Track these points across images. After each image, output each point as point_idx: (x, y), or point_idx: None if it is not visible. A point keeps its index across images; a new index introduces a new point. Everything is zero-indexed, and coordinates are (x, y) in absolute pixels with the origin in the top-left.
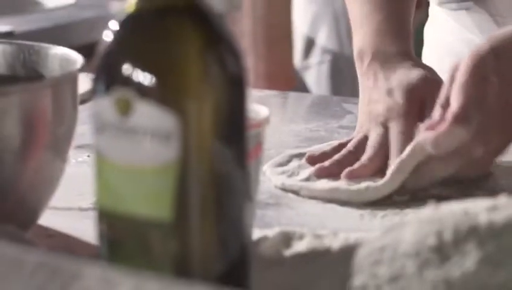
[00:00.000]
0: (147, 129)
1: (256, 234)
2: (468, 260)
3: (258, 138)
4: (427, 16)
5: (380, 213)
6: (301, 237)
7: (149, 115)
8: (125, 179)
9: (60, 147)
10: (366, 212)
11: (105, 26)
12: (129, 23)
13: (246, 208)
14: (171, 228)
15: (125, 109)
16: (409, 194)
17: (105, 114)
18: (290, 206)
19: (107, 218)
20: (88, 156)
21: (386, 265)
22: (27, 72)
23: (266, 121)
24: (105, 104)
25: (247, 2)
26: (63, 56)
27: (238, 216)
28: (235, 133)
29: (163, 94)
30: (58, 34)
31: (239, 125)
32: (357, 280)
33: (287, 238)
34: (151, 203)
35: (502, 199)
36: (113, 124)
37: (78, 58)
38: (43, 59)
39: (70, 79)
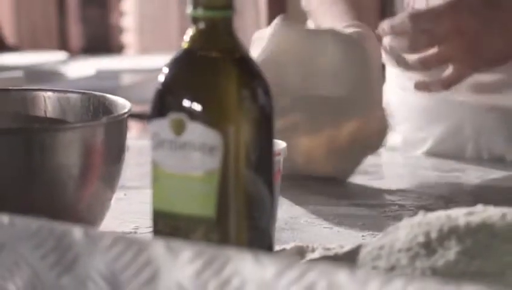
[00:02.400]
0: (195, 145)
1: (275, 248)
2: (450, 253)
3: (278, 164)
4: None
5: (380, 234)
6: (313, 249)
7: (198, 134)
8: (177, 185)
9: (110, 178)
10: (367, 234)
11: (120, 94)
12: (182, 60)
13: (271, 216)
14: (214, 224)
15: (178, 129)
16: None
17: (162, 133)
18: (302, 230)
19: (161, 217)
20: (125, 194)
21: (384, 259)
22: (92, 114)
23: (284, 151)
24: (163, 125)
25: None
26: (114, 102)
27: (265, 221)
28: (263, 150)
29: (209, 118)
30: None
31: (267, 144)
32: None
33: (301, 251)
34: (198, 204)
35: (478, 207)
36: (169, 141)
37: (126, 105)
38: (101, 104)
39: (120, 120)
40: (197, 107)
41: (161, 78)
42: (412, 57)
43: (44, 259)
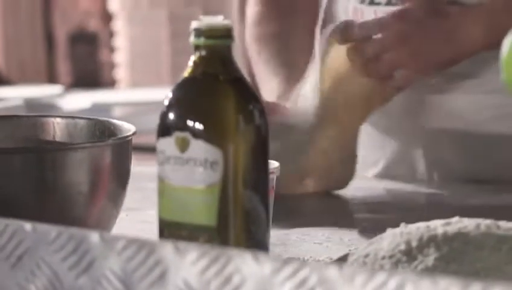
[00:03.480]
0: (198, 160)
1: None
2: (429, 259)
3: (272, 182)
4: None
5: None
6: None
7: (200, 150)
8: (182, 197)
9: (116, 196)
10: (353, 249)
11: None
12: (185, 85)
13: (266, 229)
14: (215, 233)
15: (183, 146)
16: None
17: (168, 150)
18: (293, 245)
19: (167, 227)
20: (127, 215)
21: (369, 265)
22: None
23: (277, 170)
24: (168, 143)
25: None
26: (119, 127)
27: (261, 234)
28: (260, 167)
29: (211, 136)
30: None
31: (263, 162)
32: None
33: None
34: (201, 214)
35: (454, 219)
36: (174, 157)
37: (131, 128)
38: (106, 129)
39: (126, 142)
40: (199, 126)
41: (166, 100)
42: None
43: (64, 261)
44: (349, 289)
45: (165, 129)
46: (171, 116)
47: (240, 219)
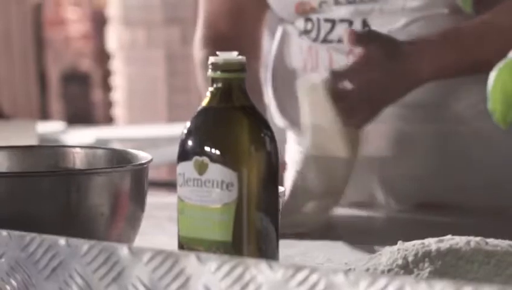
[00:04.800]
0: (215, 182)
1: None
2: (424, 272)
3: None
4: None
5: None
6: None
7: (217, 173)
8: (200, 215)
9: (134, 218)
10: (351, 262)
11: None
12: (203, 114)
13: (276, 248)
14: (231, 247)
15: (201, 169)
16: None
17: (187, 173)
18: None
19: (186, 242)
20: (139, 239)
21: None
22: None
23: (284, 193)
24: (188, 167)
25: None
26: (136, 155)
27: (271, 252)
28: (270, 188)
29: (227, 160)
30: None
31: (273, 184)
32: None
33: None
34: (217, 231)
35: (447, 236)
36: (193, 179)
37: (148, 157)
38: (123, 158)
39: (144, 168)
40: (216, 151)
41: (186, 128)
42: None
43: (95, 272)
44: None
45: (184, 154)
46: (191, 142)
47: (252, 236)
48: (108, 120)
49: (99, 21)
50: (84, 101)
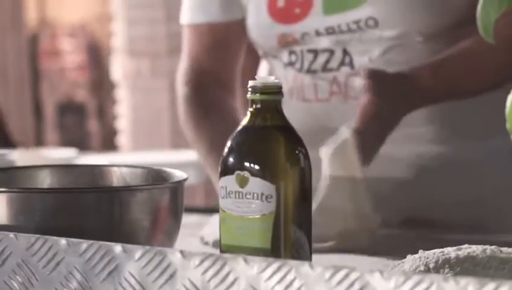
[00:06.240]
0: (255, 194)
1: None
2: None
3: None
4: None
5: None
6: None
7: (257, 186)
8: (241, 225)
9: (171, 232)
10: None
11: None
12: (243, 132)
13: (309, 257)
14: (270, 254)
15: (242, 182)
16: None
17: (229, 186)
18: None
19: (228, 250)
20: None
21: None
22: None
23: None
24: (230, 180)
25: None
26: (171, 174)
27: (306, 254)
28: (304, 201)
29: (266, 174)
30: None
31: (306, 198)
32: None
33: None
34: (257, 239)
35: (464, 245)
36: (234, 192)
37: (183, 175)
38: (158, 176)
39: (180, 185)
40: (256, 166)
41: (227, 146)
42: None
43: (148, 275)
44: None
45: (226, 169)
46: (232, 158)
47: (288, 244)
48: (105, 149)
49: (94, 52)
50: (79, 131)
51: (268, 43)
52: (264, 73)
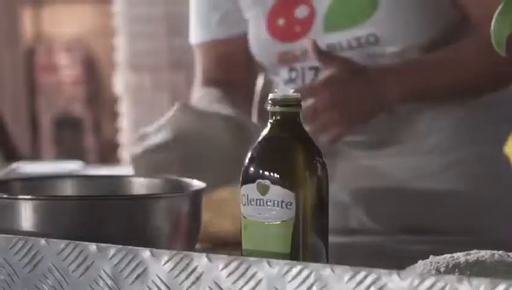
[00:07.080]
0: (276, 201)
1: None
2: None
3: None
4: None
5: None
6: None
7: (278, 194)
8: (262, 230)
9: (191, 238)
10: None
11: None
12: (264, 143)
13: (326, 254)
14: (289, 258)
15: (263, 190)
16: None
17: (251, 194)
18: None
19: (249, 254)
20: None
21: None
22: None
23: None
24: (251, 188)
25: None
26: (189, 183)
27: (323, 259)
28: (321, 210)
29: (286, 182)
30: None
31: (323, 206)
32: None
33: None
34: (278, 244)
35: (473, 250)
36: (255, 199)
37: (201, 185)
38: (176, 185)
39: (199, 194)
40: (277, 175)
41: (249, 155)
42: None
43: (176, 278)
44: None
45: (248, 178)
46: (253, 167)
47: (307, 250)
48: (102, 163)
49: (90, 66)
50: (76, 145)
51: (269, 60)
52: (259, 89)
